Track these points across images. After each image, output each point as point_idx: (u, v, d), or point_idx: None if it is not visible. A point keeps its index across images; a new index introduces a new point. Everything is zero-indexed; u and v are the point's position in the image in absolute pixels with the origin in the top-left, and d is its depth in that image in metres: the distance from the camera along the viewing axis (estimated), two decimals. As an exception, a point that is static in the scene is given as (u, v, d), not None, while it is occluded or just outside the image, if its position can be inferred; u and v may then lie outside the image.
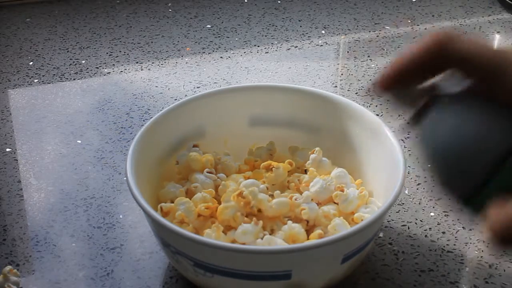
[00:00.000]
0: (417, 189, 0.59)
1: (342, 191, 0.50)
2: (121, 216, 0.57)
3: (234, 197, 0.48)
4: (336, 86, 0.76)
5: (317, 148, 0.54)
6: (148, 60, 0.80)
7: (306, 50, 0.83)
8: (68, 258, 0.53)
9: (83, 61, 0.80)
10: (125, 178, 0.47)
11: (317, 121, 0.57)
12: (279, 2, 0.95)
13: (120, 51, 0.82)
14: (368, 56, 0.81)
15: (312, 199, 0.50)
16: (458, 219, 0.56)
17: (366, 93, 0.38)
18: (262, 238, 0.47)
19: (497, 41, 0.86)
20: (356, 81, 0.76)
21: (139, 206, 0.45)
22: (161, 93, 0.74)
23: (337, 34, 0.87)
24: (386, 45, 0.84)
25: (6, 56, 0.81)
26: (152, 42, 0.84)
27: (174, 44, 0.84)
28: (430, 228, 0.55)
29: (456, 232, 0.55)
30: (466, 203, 0.35)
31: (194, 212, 0.49)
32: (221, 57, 0.81)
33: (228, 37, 0.86)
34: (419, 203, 0.58)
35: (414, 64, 0.37)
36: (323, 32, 0.87)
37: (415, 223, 0.56)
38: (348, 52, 0.83)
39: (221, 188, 0.52)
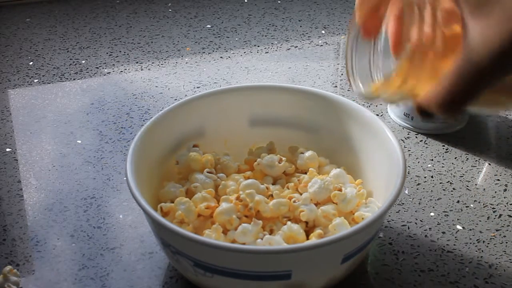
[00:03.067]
0: (417, 189, 0.59)
1: (340, 190, 0.50)
2: (121, 216, 0.57)
3: (232, 200, 0.49)
4: (336, 86, 0.76)
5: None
6: (148, 60, 0.80)
7: (306, 50, 0.83)
8: (68, 258, 0.53)
9: (83, 61, 0.80)
10: (125, 178, 0.47)
11: (317, 121, 0.57)
12: (279, 2, 0.95)
13: (120, 51, 0.82)
14: (368, 56, 0.81)
15: (311, 200, 0.50)
16: (458, 219, 0.56)
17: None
18: (262, 238, 0.47)
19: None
20: (356, 81, 0.76)
21: (139, 206, 0.45)
22: (161, 93, 0.74)
23: (337, 34, 0.87)
24: (386, 45, 0.84)
25: (6, 56, 0.81)
26: (152, 42, 0.84)
27: (174, 44, 0.84)
28: (430, 228, 0.55)
29: (456, 232, 0.55)
30: None
31: (194, 212, 0.49)
32: (221, 57, 0.81)
33: (228, 37, 0.86)
34: (419, 203, 0.58)
35: None
36: (323, 32, 0.87)
37: (415, 223, 0.56)
38: (348, 52, 0.83)
39: (221, 188, 0.52)
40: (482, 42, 0.34)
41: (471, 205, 0.58)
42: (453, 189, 0.59)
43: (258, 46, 0.83)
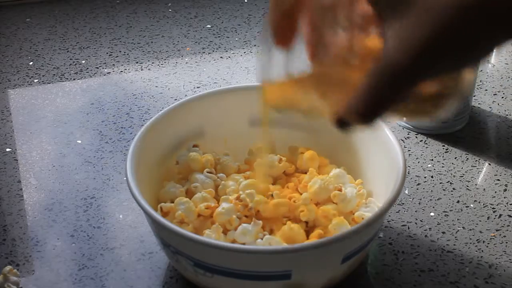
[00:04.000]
0: (417, 189, 0.59)
1: (340, 190, 0.50)
2: (121, 216, 0.57)
3: (232, 201, 0.49)
4: (336, 86, 0.76)
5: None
6: (148, 60, 0.80)
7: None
8: (68, 258, 0.53)
9: (83, 61, 0.80)
10: (125, 178, 0.47)
11: (317, 121, 0.57)
12: (279, 2, 0.95)
13: (120, 51, 0.82)
14: (368, 56, 0.81)
15: (311, 200, 0.50)
16: (458, 219, 0.56)
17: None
18: (262, 238, 0.47)
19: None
20: (356, 81, 0.76)
21: (139, 206, 0.45)
22: (161, 93, 0.74)
23: (337, 34, 0.87)
24: (386, 45, 0.84)
25: (6, 56, 0.81)
26: (152, 42, 0.84)
27: (174, 44, 0.84)
28: (430, 228, 0.55)
29: (456, 232, 0.55)
30: None
31: (194, 212, 0.49)
32: (221, 57, 0.81)
33: (228, 37, 0.86)
34: (419, 203, 0.58)
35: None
36: (323, 32, 0.87)
37: (415, 223, 0.56)
38: (348, 52, 0.83)
39: (221, 188, 0.52)
40: (399, 43, 0.31)
41: (471, 205, 0.58)
42: (453, 189, 0.59)
43: (258, 46, 0.83)
